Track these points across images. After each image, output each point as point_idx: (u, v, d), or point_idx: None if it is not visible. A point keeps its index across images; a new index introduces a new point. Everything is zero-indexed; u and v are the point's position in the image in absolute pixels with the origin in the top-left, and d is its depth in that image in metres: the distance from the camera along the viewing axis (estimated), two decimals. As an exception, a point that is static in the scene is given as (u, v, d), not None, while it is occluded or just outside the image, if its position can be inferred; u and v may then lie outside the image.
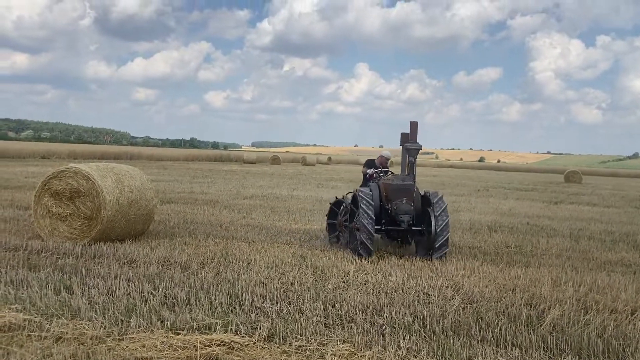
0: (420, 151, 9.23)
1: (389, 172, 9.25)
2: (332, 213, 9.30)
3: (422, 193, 8.44)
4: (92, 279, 5.86)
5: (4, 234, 8.14)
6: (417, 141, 8.58)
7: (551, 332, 4.86)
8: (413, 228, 8.07)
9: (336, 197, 9.62)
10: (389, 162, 9.83)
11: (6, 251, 7.02)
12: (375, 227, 7.94)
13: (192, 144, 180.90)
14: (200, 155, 57.84)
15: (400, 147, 8.90)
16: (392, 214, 8.06)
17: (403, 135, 8.63)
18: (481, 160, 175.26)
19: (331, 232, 9.22)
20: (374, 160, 10.04)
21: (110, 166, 8.60)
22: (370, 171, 9.49)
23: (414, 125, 8.45)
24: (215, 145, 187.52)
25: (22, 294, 5.20)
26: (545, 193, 26.57)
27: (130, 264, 6.77)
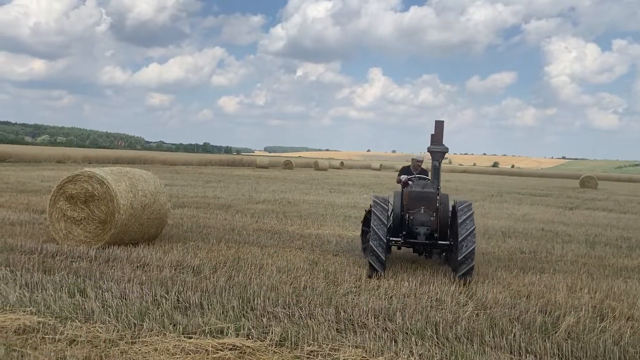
0: (417, 155, 8.76)
1: (425, 178, 8.33)
2: (367, 220, 8.22)
3: (453, 203, 7.60)
4: (105, 282, 5.91)
5: (20, 237, 8.24)
6: (444, 143, 7.57)
7: (566, 339, 4.79)
8: (438, 242, 7.27)
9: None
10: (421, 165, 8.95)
11: (21, 254, 7.11)
12: (394, 239, 7.36)
13: (205, 148, 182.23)
14: (213, 160, 58.17)
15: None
16: (409, 225, 7.30)
17: (432, 136, 7.62)
18: (495, 165, 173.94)
19: (363, 241, 8.38)
20: (409, 166, 9.10)
21: (124, 170, 8.68)
22: (403, 177, 8.61)
23: (439, 125, 7.44)
24: (228, 150, 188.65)
25: (37, 296, 5.26)
26: (560, 198, 26.27)
27: (144, 267, 6.81)
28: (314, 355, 4.17)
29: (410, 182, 8.26)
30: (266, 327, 4.71)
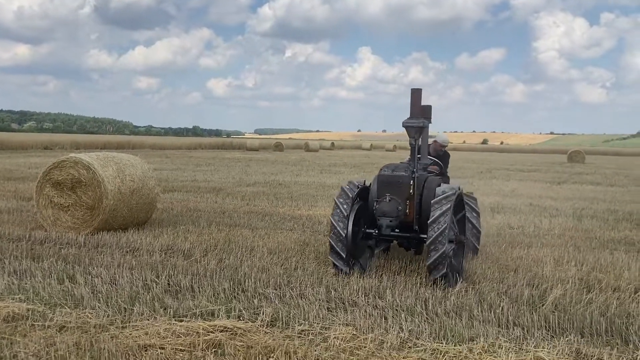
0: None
1: (435, 163, 7.22)
2: None
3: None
4: (95, 268, 5.88)
5: (7, 225, 8.17)
6: (425, 117, 6.31)
7: (553, 312, 4.86)
8: (419, 235, 6.08)
9: None
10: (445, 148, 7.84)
11: (10, 242, 7.05)
12: (370, 231, 6.20)
13: (195, 132, 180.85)
14: (203, 143, 57.77)
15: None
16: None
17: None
18: (484, 142, 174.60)
19: None
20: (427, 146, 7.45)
21: (111, 155, 8.60)
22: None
23: (415, 95, 6.16)
24: (217, 133, 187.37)
25: (26, 284, 5.23)
26: (548, 173, 26.48)
27: (133, 252, 6.79)
28: (305, 334, 4.20)
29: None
30: (257, 308, 4.73)
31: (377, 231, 6.07)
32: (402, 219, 6.01)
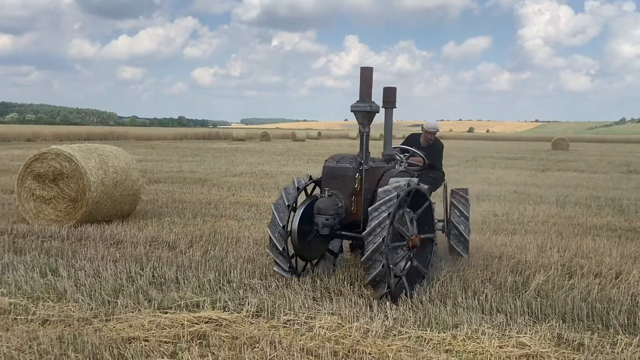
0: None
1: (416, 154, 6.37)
2: None
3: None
4: (78, 261, 5.82)
5: (-11, 219, 8.05)
6: (387, 101, 5.51)
7: (536, 298, 4.93)
8: (343, 232, 5.32)
9: None
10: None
11: (-9, 236, 6.94)
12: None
13: (181, 122, 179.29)
14: (189, 133, 57.29)
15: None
16: None
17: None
18: (470, 130, 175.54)
19: None
20: (418, 135, 6.97)
21: (94, 147, 8.49)
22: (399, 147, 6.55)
23: (365, 74, 5.26)
24: (203, 124, 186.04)
25: (8, 277, 5.16)
26: (532, 161, 26.73)
27: (117, 245, 6.74)
28: (290, 324, 4.21)
29: (400, 156, 6.20)
30: (242, 299, 4.73)
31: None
32: (346, 218, 5.18)
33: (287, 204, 5.28)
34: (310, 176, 5.54)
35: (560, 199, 11.86)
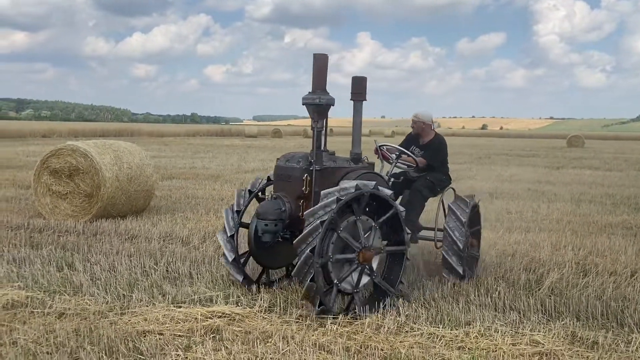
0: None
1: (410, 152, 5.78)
2: None
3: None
4: (94, 255, 5.90)
5: (6, 213, 8.18)
6: (356, 92, 4.98)
7: (549, 296, 4.90)
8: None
9: None
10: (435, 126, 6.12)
11: (8, 230, 7.06)
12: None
13: (193, 119, 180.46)
14: (201, 130, 57.60)
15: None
16: None
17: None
18: (484, 127, 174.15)
19: None
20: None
21: (109, 143, 8.59)
22: (388, 146, 5.87)
23: (318, 63, 4.66)
24: (216, 120, 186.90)
25: (25, 271, 5.25)
26: (547, 158, 26.47)
27: (132, 239, 6.81)
28: (302, 320, 4.23)
29: (390, 155, 5.72)
30: (255, 294, 4.76)
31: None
32: (292, 224, 4.57)
33: (235, 209, 4.88)
34: (269, 177, 5.06)
35: (575, 197, 11.74)
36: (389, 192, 4.54)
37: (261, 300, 4.58)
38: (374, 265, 4.47)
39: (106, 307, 4.39)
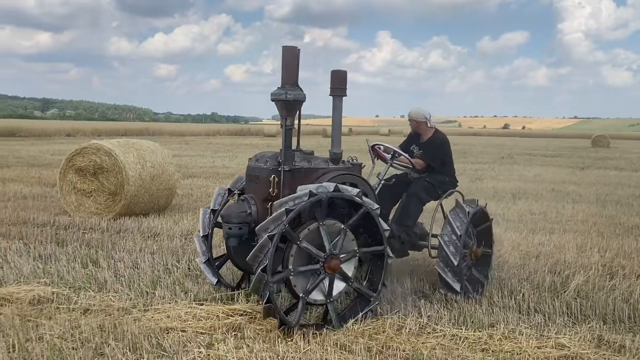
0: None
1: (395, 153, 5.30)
2: None
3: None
4: (117, 252, 5.98)
5: (33, 211, 8.34)
6: (337, 87, 4.52)
7: (575, 298, 4.80)
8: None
9: None
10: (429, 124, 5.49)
11: (35, 227, 7.20)
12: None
13: (213, 118, 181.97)
14: (221, 130, 58.05)
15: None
16: None
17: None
18: (506, 127, 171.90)
19: None
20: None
21: (132, 142, 8.70)
22: (383, 146, 5.44)
23: (287, 55, 4.30)
24: (235, 120, 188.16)
25: (51, 268, 5.35)
26: (571, 158, 26.00)
27: (154, 237, 6.89)
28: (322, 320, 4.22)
29: (384, 154, 5.36)
30: (276, 293, 4.76)
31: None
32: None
33: (212, 208, 4.72)
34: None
35: (600, 198, 11.50)
36: (354, 190, 4.10)
37: (282, 299, 4.59)
38: (350, 270, 4.15)
39: (130, 303, 4.44)
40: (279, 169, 4.25)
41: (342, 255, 4.07)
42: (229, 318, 4.15)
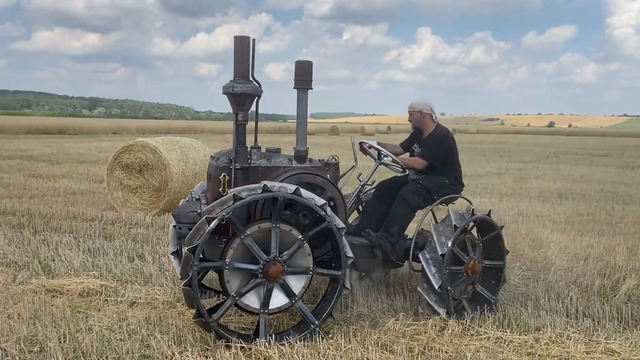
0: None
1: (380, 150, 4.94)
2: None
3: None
4: (162, 247, 6.13)
5: (82, 206, 8.66)
6: (301, 79, 4.23)
7: (626, 303, 4.61)
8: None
9: None
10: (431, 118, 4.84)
11: (83, 221, 7.47)
12: None
13: (252, 117, 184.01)
14: (261, 128, 58.52)
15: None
16: None
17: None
18: (551, 125, 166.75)
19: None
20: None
21: (175, 140, 8.91)
22: (371, 144, 5.10)
23: (240, 45, 3.99)
24: (274, 118, 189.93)
25: (99, 261, 5.53)
26: (621, 158, 24.98)
27: (197, 233, 7.01)
28: (363, 318, 4.20)
29: (371, 149, 5.03)
30: (316, 291, 4.78)
31: None
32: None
33: (187, 199, 4.55)
34: None
35: (653, 199, 11.01)
36: (319, 200, 3.68)
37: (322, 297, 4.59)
38: (297, 286, 3.73)
39: (174, 297, 4.55)
40: (231, 167, 3.97)
41: (289, 267, 3.67)
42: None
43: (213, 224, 3.43)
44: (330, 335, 3.82)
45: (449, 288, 4.14)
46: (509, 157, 22.92)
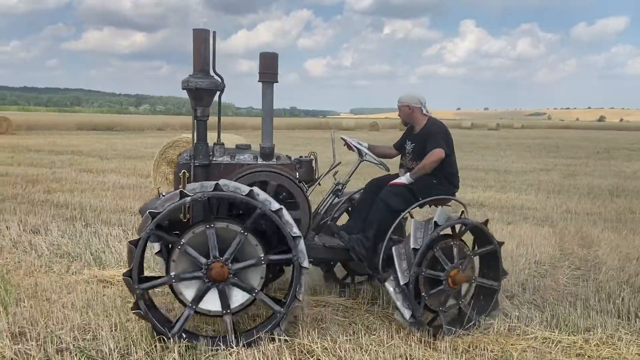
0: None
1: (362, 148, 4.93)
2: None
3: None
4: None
5: (129, 200, 8.94)
6: (265, 72, 4.18)
7: (684, 306, 4.40)
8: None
9: None
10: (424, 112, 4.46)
11: (132, 215, 7.72)
12: None
13: (292, 113, 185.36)
14: (301, 123, 59.02)
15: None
16: None
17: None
18: (601, 119, 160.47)
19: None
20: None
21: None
22: (350, 141, 5.13)
23: (198, 39, 3.82)
24: (314, 114, 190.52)
25: (147, 253, 5.66)
26: (677, 154, 23.77)
27: (240, 227, 7.13)
28: (391, 314, 4.18)
29: (355, 147, 4.98)
30: (357, 286, 4.81)
31: None
32: (174, 226, 3.80)
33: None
34: None
35: None
36: (244, 189, 3.49)
37: (364, 292, 4.60)
38: (255, 279, 3.58)
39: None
40: (190, 164, 3.86)
41: (237, 263, 3.51)
42: (312, 309, 4.22)
43: (139, 246, 3.42)
44: (373, 331, 3.82)
45: (423, 294, 3.76)
46: (557, 153, 22.21)
